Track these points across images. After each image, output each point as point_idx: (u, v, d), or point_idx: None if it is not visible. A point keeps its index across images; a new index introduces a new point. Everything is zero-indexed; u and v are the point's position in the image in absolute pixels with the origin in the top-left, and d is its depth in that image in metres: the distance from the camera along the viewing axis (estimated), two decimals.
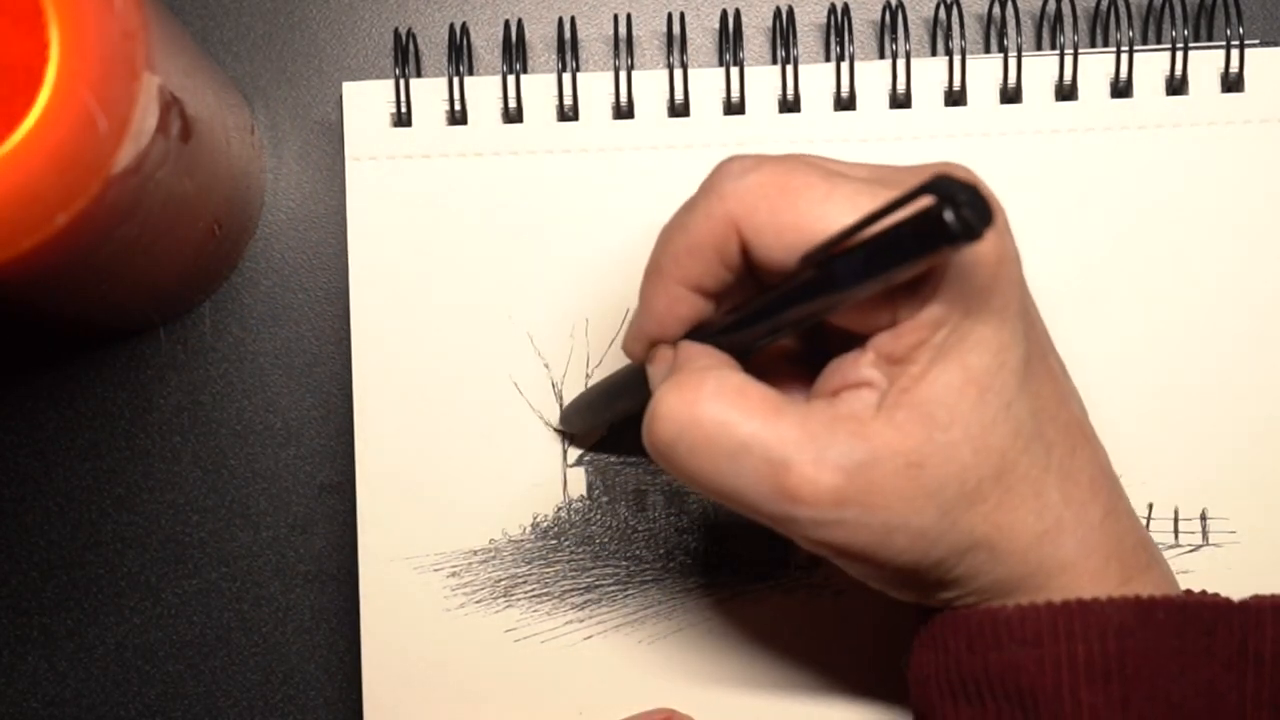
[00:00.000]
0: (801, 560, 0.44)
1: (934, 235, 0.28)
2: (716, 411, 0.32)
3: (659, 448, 0.33)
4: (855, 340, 0.33)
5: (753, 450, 0.32)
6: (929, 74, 0.44)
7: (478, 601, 0.44)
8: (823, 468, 0.32)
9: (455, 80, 0.44)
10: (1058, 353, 0.36)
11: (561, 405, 0.44)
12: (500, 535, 0.44)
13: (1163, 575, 0.36)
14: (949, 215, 0.27)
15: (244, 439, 0.46)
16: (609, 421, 0.43)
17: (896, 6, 0.44)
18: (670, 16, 0.46)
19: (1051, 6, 0.46)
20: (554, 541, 0.44)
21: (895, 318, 0.32)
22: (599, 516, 0.44)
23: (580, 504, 0.44)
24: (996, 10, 0.46)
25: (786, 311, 0.32)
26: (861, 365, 0.33)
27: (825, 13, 0.46)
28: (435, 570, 0.44)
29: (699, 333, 0.35)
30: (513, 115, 0.44)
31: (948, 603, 0.35)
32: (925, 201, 0.28)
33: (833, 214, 0.31)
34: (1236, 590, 0.44)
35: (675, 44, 0.45)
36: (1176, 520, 0.44)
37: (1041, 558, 0.33)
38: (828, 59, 0.46)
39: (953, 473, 0.32)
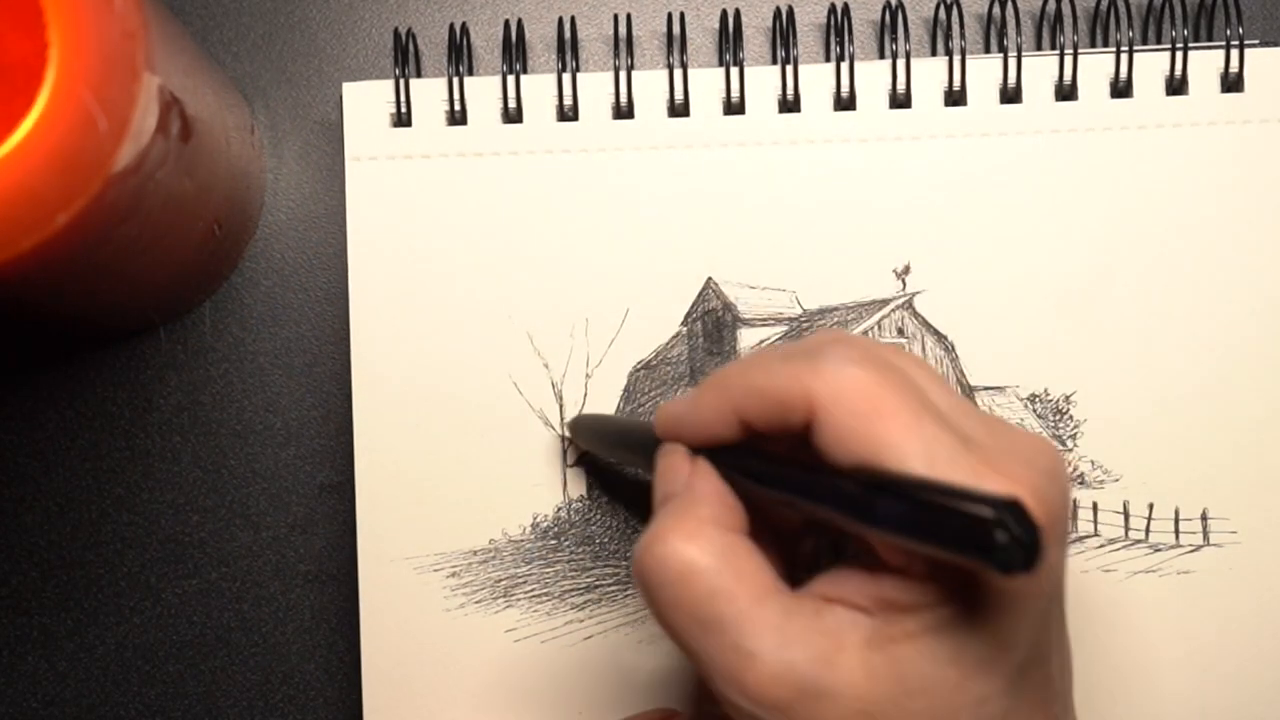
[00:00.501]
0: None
1: (977, 545, 0.27)
2: (710, 578, 0.32)
3: (645, 582, 0.33)
4: (867, 548, 0.32)
5: (727, 631, 0.32)
6: (929, 74, 0.44)
7: (478, 601, 0.44)
8: (781, 679, 0.31)
9: (455, 80, 0.44)
10: (1067, 645, 0.35)
11: (562, 405, 0.44)
12: (500, 535, 0.44)
13: None
14: (1000, 538, 0.27)
15: (244, 439, 0.46)
16: (607, 458, 0.43)
17: (896, 6, 0.44)
18: (670, 16, 0.46)
19: (1051, 6, 0.46)
20: (554, 541, 0.44)
21: (910, 567, 0.31)
22: (599, 516, 0.44)
23: (580, 504, 0.44)
24: (996, 10, 0.46)
25: (815, 504, 0.32)
26: (863, 592, 0.32)
27: (825, 13, 0.46)
28: (435, 570, 0.44)
29: (724, 453, 0.35)
30: (513, 115, 0.44)
31: None
32: (985, 510, 0.27)
33: (904, 451, 0.30)
34: (1237, 590, 0.44)
35: (675, 44, 0.45)
36: (1177, 520, 0.44)
37: None
38: (828, 59, 0.46)
39: None
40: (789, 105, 0.44)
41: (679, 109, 0.44)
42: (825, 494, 0.31)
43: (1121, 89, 0.44)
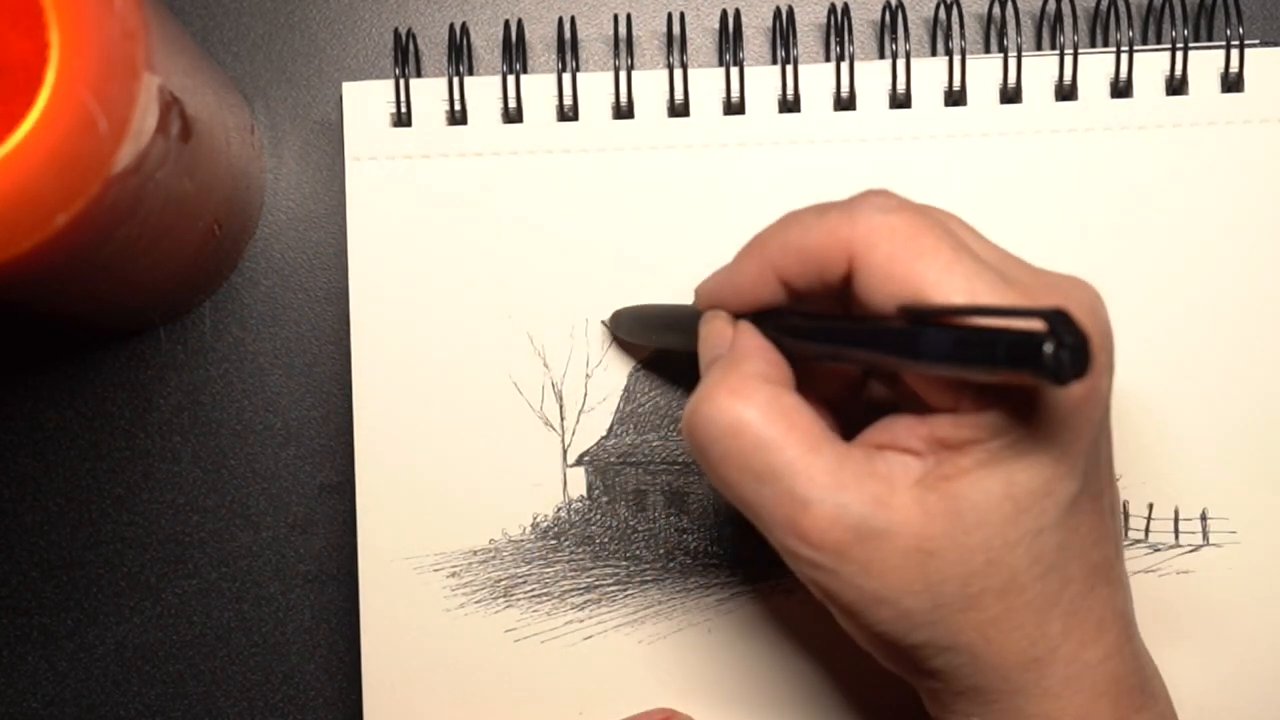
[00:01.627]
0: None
1: (1026, 360, 0.27)
2: (759, 429, 0.32)
3: (696, 442, 0.34)
4: (915, 399, 0.33)
5: (781, 479, 0.32)
6: (929, 74, 0.44)
7: (478, 601, 0.44)
8: (838, 521, 0.32)
9: (455, 80, 0.44)
10: (1116, 489, 0.35)
11: (562, 405, 0.44)
12: (500, 535, 0.44)
13: (1158, 716, 0.35)
14: (1048, 348, 0.27)
15: (244, 439, 0.46)
16: (652, 344, 0.43)
17: (896, 6, 0.44)
18: (670, 16, 0.46)
19: (1051, 6, 0.46)
20: (554, 541, 0.44)
21: (960, 405, 0.31)
22: (599, 516, 0.44)
23: (580, 504, 0.44)
24: (996, 10, 0.46)
25: (859, 350, 0.32)
26: (915, 433, 0.32)
27: (825, 13, 0.46)
28: (435, 570, 0.44)
29: (766, 317, 0.35)
30: (513, 115, 0.44)
31: (930, 692, 0.35)
32: (1034, 324, 0.28)
33: (944, 286, 0.31)
34: (1237, 590, 0.44)
35: (675, 44, 0.45)
36: (1177, 520, 0.44)
37: (1025, 682, 0.33)
38: (828, 59, 0.46)
39: (959, 574, 0.32)
40: (789, 105, 0.44)
41: (679, 109, 0.44)
42: (869, 337, 0.32)
43: (1121, 89, 0.44)
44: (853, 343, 0.32)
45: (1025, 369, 0.27)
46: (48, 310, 0.41)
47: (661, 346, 0.43)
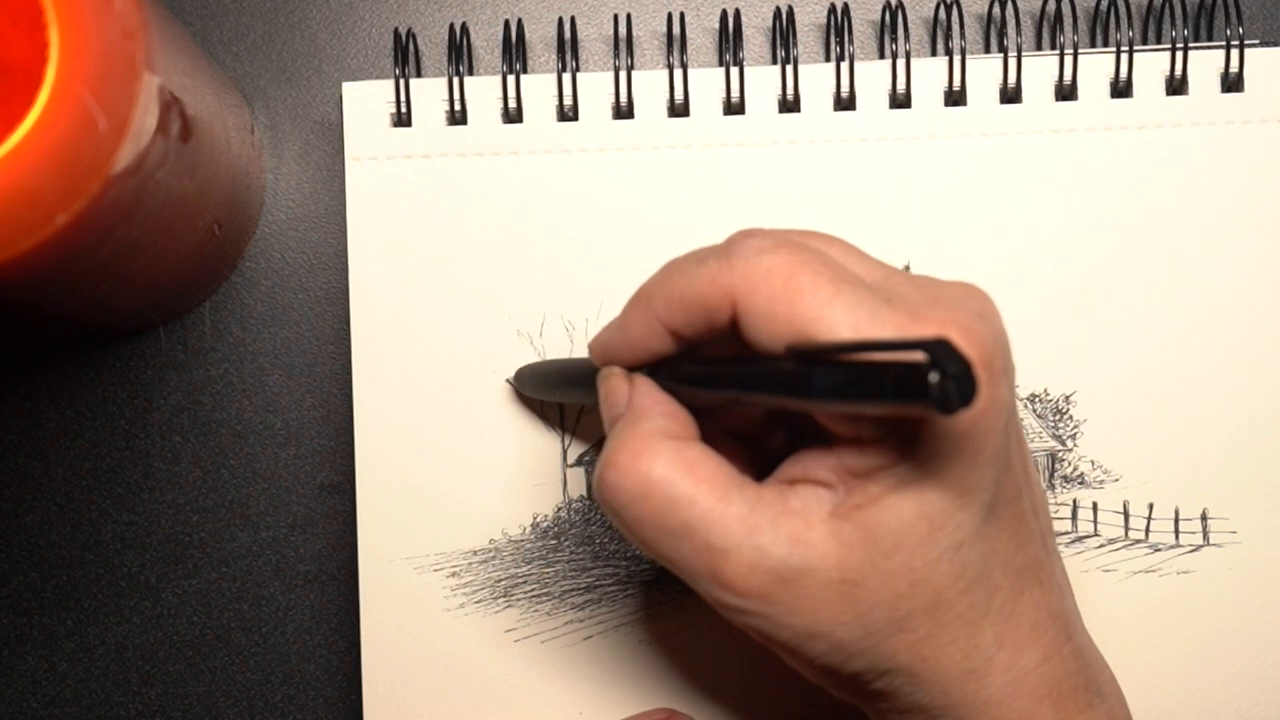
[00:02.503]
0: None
1: (914, 392, 0.27)
2: (667, 487, 0.32)
3: (608, 506, 0.34)
4: (819, 430, 0.33)
5: (696, 533, 0.32)
6: (929, 74, 0.44)
7: (478, 601, 0.44)
8: (758, 566, 0.32)
9: (455, 80, 0.44)
10: (1037, 488, 0.35)
11: (562, 405, 0.44)
12: (500, 535, 0.44)
13: (1107, 714, 0.35)
14: (934, 378, 0.27)
15: (244, 439, 0.46)
16: (556, 400, 0.43)
17: (896, 6, 0.44)
18: (670, 16, 0.46)
19: (1051, 6, 0.46)
20: (554, 541, 0.44)
21: (863, 433, 0.31)
22: (599, 516, 0.44)
23: (580, 504, 0.44)
24: (996, 10, 0.46)
25: (755, 393, 0.32)
26: (824, 465, 0.32)
27: (825, 13, 0.46)
28: (435, 570, 0.44)
29: (661, 367, 0.35)
30: (513, 115, 0.44)
31: (879, 713, 0.35)
32: (917, 355, 0.28)
33: (827, 321, 0.31)
34: (1237, 590, 0.44)
35: (675, 44, 0.45)
36: (1177, 520, 0.44)
37: (965, 694, 0.33)
38: (828, 59, 0.46)
39: (885, 599, 0.32)
40: (789, 105, 0.44)
41: (679, 109, 0.44)
42: (762, 380, 0.32)
43: (1121, 89, 0.44)
44: (748, 387, 0.32)
45: (915, 402, 0.27)
46: (47, 310, 0.41)
47: (568, 402, 0.43)
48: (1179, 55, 0.44)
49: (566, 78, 0.44)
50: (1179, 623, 0.43)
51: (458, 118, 0.44)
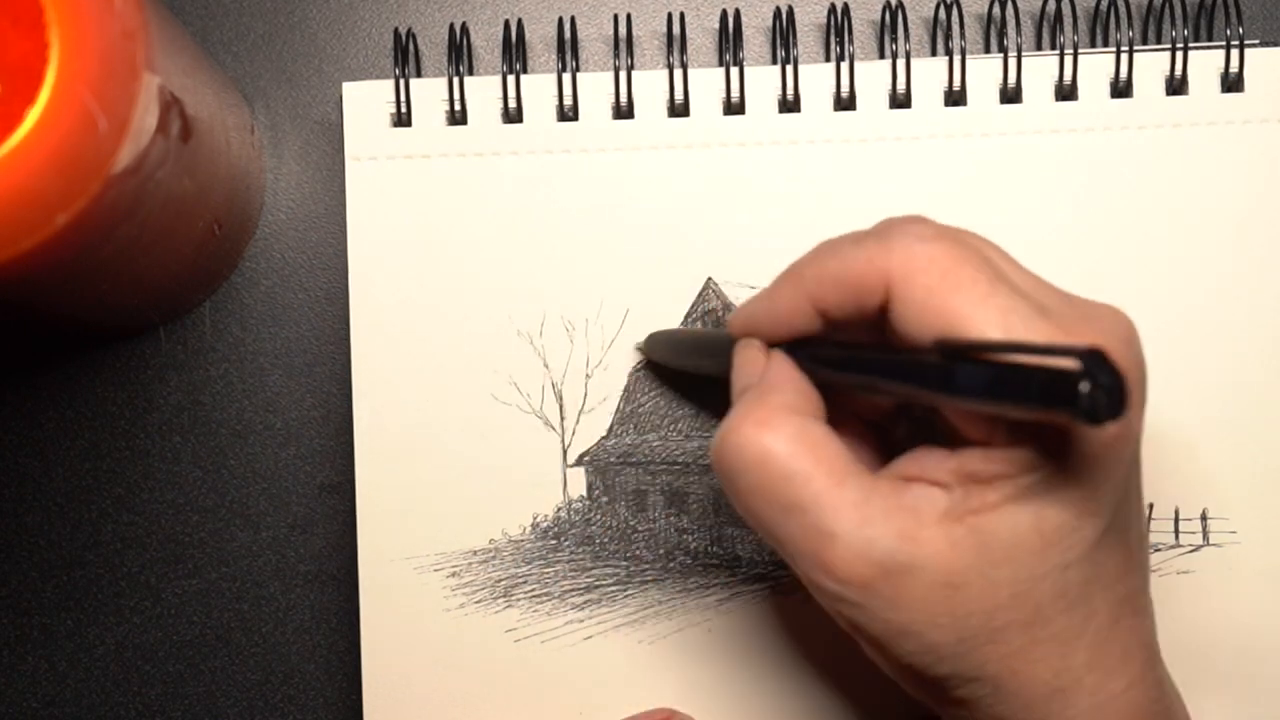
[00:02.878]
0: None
1: (1061, 398, 0.27)
2: (786, 461, 0.32)
3: (723, 471, 0.34)
4: (944, 429, 0.33)
5: (807, 512, 0.32)
6: (929, 74, 0.44)
7: (478, 601, 0.44)
8: (864, 556, 0.32)
9: (455, 80, 0.44)
10: (1144, 522, 0.35)
11: (561, 405, 0.44)
12: (500, 535, 0.44)
13: None
14: (1084, 388, 0.27)
15: (244, 439, 0.46)
16: (685, 368, 0.43)
17: (896, 6, 0.44)
18: (670, 16, 0.46)
19: (1051, 6, 0.46)
20: (554, 541, 0.44)
21: (992, 438, 0.31)
22: (599, 516, 0.44)
23: (580, 504, 0.44)
24: (996, 10, 0.46)
25: (893, 382, 0.32)
26: (943, 466, 0.32)
27: (825, 13, 0.46)
28: (435, 570, 0.44)
29: (801, 346, 0.35)
30: (513, 115, 0.44)
31: (955, 719, 0.35)
32: (1070, 363, 0.27)
33: (979, 320, 0.31)
34: (1237, 590, 0.44)
35: (675, 44, 0.45)
36: (1177, 520, 0.44)
37: (1049, 712, 0.33)
38: (828, 59, 0.46)
39: (984, 608, 0.32)
40: (789, 105, 0.44)
41: (679, 109, 0.44)
42: (903, 370, 0.31)
43: (1121, 89, 0.44)
44: (887, 375, 0.32)
45: (1060, 408, 0.27)
46: (48, 310, 0.41)
47: (695, 370, 0.43)
48: (1179, 55, 0.44)
49: (566, 78, 0.44)
50: (1179, 623, 0.43)
51: (458, 118, 0.44)
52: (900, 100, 0.44)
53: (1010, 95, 0.44)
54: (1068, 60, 0.44)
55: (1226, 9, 0.44)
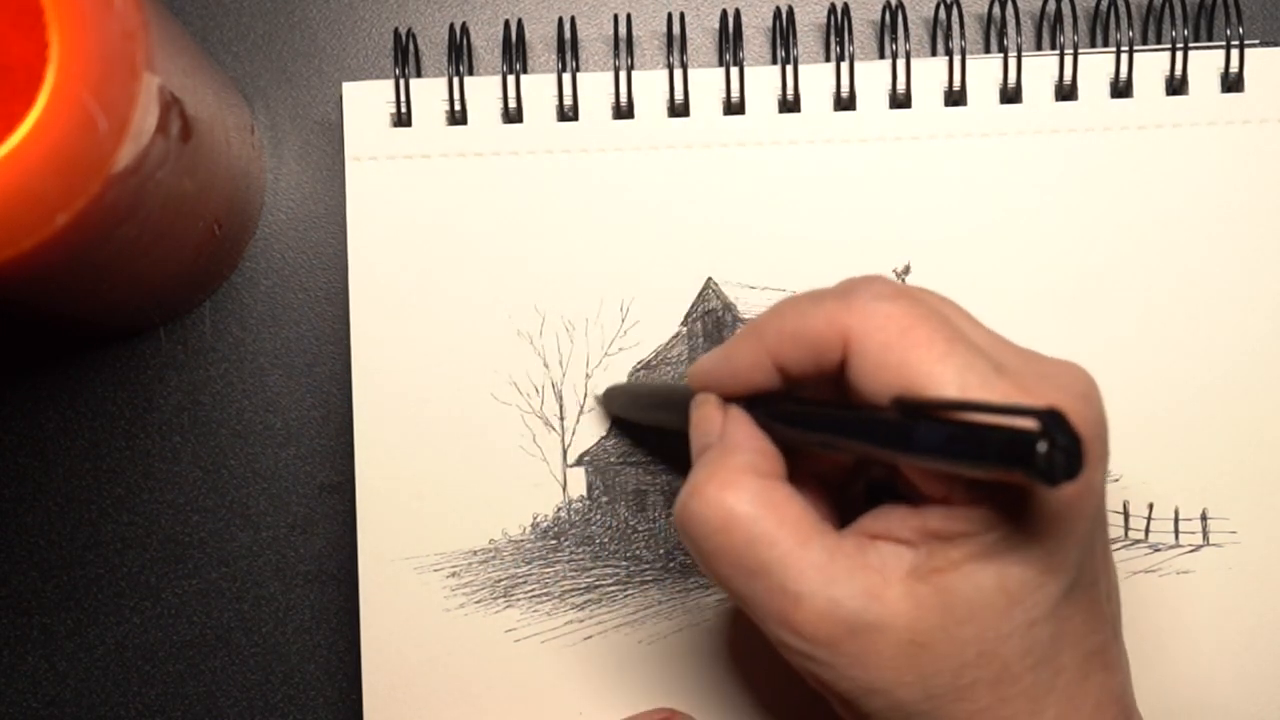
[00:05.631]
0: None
1: (1019, 460, 0.27)
2: (750, 525, 0.33)
3: (687, 535, 0.34)
4: (904, 486, 0.33)
5: (772, 574, 0.32)
6: (929, 74, 0.44)
7: (478, 601, 0.44)
8: (829, 615, 0.32)
9: (455, 80, 0.44)
10: (1113, 573, 0.35)
11: (561, 405, 0.44)
12: (500, 535, 0.44)
13: None
14: (1041, 448, 0.27)
15: (244, 439, 0.46)
16: (644, 422, 0.43)
17: (896, 6, 0.44)
18: (670, 16, 0.46)
19: (1051, 6, 0.46)
20: (554, 541, 0.44)
21: (952, 496, 0.31)
22: (599, 516, 0.44)
23: (580, 504, 0.44)
24: (996, 10, 0.46)
25: (852, 440, 0.32)
26: (907, 524, 0.32)
27: (825, 13, 0.46)
28: (435, 570, 0.44)
29: (758, 402, 0.35)
30: (513, 115, 0.44)
31: None
32: (1026, 422, 0.28)
33: (937, 378, 0.31)
34: (1237, 590, 0.44)
35: (675, 44, 0.45)
36: (1177, 520, 0.44)
37: None
38: (828, 59, 0.46)
39: (951, 666, 0.32)
40: (789, 105, 0.44)
41: (679, 109, 0.44)
42: (861, 427, 0.32)
43: (1121, 89, 0.44)
44: (846, 433, 0.32)
45: (1018, 468, 0.27)
46: (48, 310, 0.41)
47: (653, 425, 0.43)
48: (1179, 55, 0.44)
49: (566, 78, 0.44)
50: (1179, 623, 0.43)
51: (458, 118, 0.44)
52: (900, 100, 0.44)
53: (1010, 95, 0.44)
54: (1068, 60, 0.44)
55: (1226, 9, 0.44)
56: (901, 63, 0.44)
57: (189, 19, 0.47)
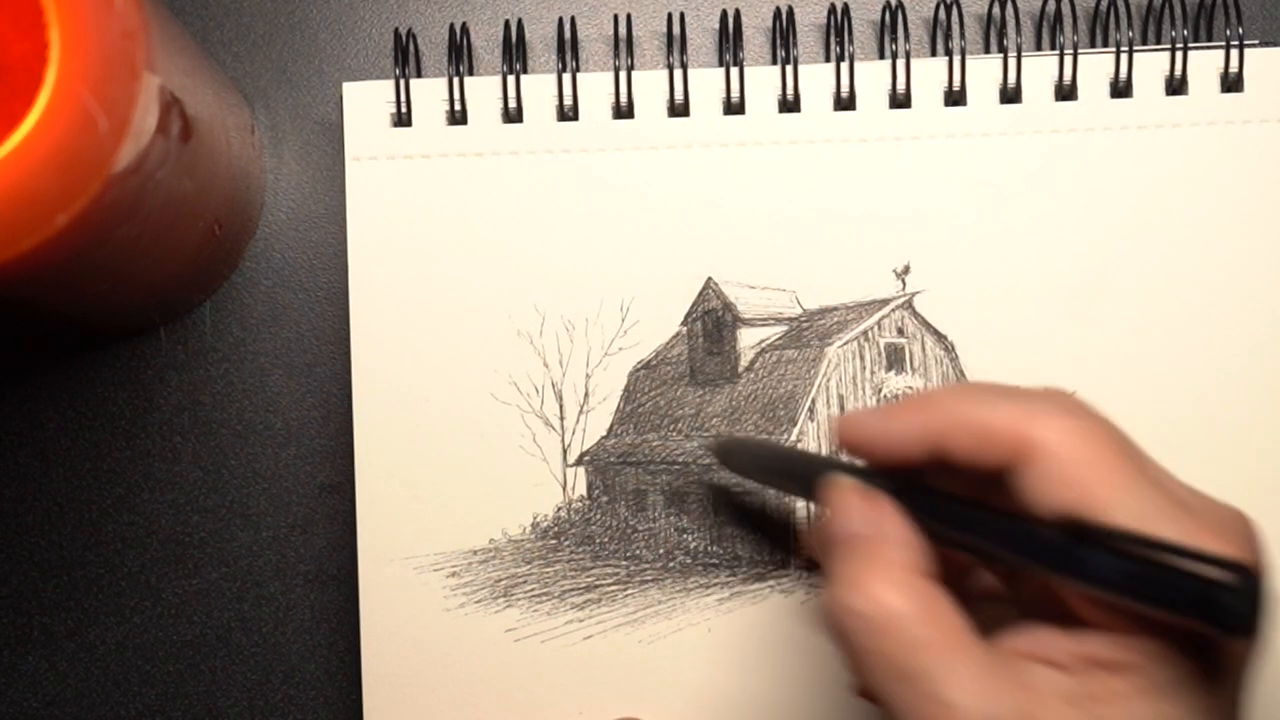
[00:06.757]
0: (801, 561, 0.44)
1: (1202, 606, 0.27)
2: (910, 627, 0.31)
3: (838, 630, 0.33)
4: (1038, 603, 0.32)
5: (928, 680, 0.31)
6: (929, 74, 0.44)
7: (478, 601, 0.44)
8: None
9: (455, 80, 0.44)
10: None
11: (561, 405, 0.44)
12: (500, 535, 0.44)
13: None
14: (1230, 602, 0.26)
15: (244, 439, 0.46)
16: (758, 480, 0.42)
17: (896, 6, 0.44)
18: (670, 16, 0.46)
19: (1051, 6, 0.46)
20: (554, 541, 0.44)
21: (1113, 625, 0.30)
22: (599, 516, 0.44)
23: (580, 504, 0.44)
24: (996, 10, 0.46)
25: (1013, 553, 0.31)
26: (1061, 647, 0.31)
27: (825, 13, 0.46)
28: (435, 570, 0.44)
29: (904, 489, 0.34)
30: (513, 115, 0.44)
31: None
32: (1211, 569, 0.27)
33: (1119, 506, 0.30)
34: None
35: (675, 44, 0.45)
36: None
37: None
38: (828, 59, 0.46)
39: None
40: (789, 105, 0.44)
41: (679, 109, 0.44)
42: (1026, 542, 0.31)
43: (1121, 89, 0.44)
44: (1008, 544, 0.31)
45: (1203, 617, 0.27)
46: (48, 310, 0.41)
47: (769, 486, 0.42)
48: (1179, 55, 0.44)
49: (566, 78, 0.44)
50: None
51: (458, 118, 0.44)
52: (900, 100, 0.44)
53: (1010, 95, 0.44)
54: (1067, 60, 0.44)
55: (1226, 9, 0.44)
56: (901, 63, 0.44)
57: (189, 19, 0.47)
